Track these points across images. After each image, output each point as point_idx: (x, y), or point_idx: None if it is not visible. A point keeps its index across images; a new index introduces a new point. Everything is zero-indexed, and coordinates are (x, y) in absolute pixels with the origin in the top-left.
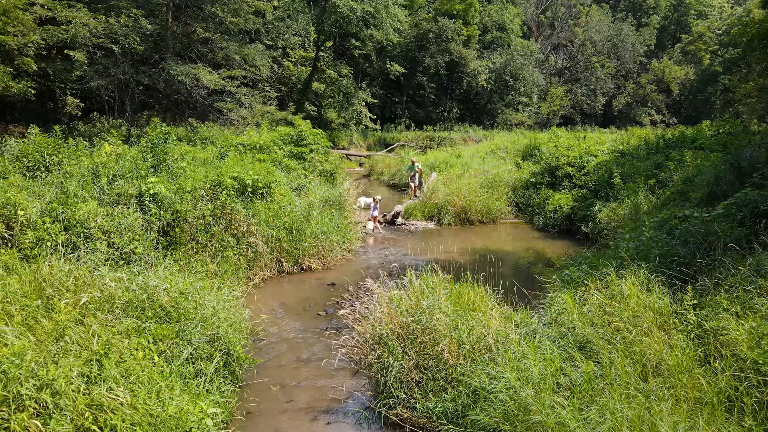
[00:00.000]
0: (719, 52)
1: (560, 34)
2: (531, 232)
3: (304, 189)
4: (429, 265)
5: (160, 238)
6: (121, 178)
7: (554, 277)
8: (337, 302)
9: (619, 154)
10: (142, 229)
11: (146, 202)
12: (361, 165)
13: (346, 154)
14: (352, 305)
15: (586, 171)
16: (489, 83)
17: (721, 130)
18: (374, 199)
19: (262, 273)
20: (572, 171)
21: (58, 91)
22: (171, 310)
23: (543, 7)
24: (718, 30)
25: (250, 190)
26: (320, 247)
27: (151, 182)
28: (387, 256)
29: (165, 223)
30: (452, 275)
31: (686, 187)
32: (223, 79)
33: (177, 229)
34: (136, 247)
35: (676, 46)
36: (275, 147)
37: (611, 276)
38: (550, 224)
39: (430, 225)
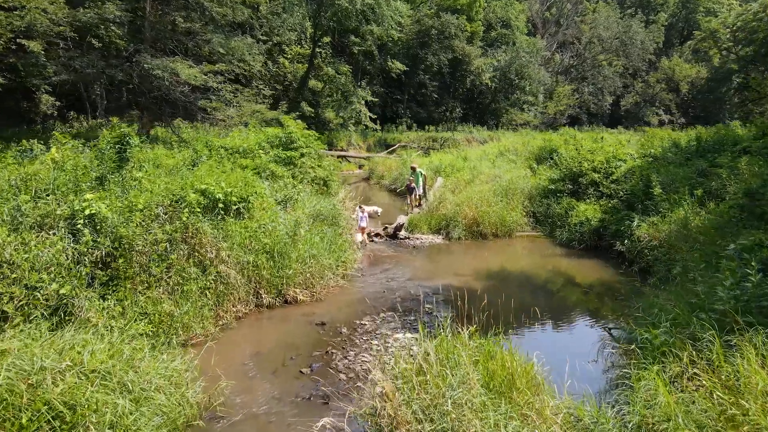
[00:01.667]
0: (733, 49)
1: (566, 31)
2: (552, 247)
3: (292, 201)
4: (447, 312)
5: (99, 272)
6: (52, 195)
7: (624, 341)
8: (326, 352)
9: (652, 159)
10: (72, 262)
11: (79, 225)
12: (360, 167)
13: (345, 156)
14: (345, 356)
15: (615, 178)
16: (493, 82)
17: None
18: (361, 208)
19: (235, 309)
20: (598, 178)
21: (38, 89)
22: (64, 409)
23: (548, 4)
24: (733, 26)
25: (221, 205)
26: (308, 274)
27: (87, 200)
28: (388, 281)
29: (104, 252)
30: (477, 326)
31: (750, 200)
32: (205, 74)
33: (120, 260)
34: (58, 289)
35: (688, 42)
36: (260, 151)
37: (716, 348)
38: (576, 239)
39: (438, 239)
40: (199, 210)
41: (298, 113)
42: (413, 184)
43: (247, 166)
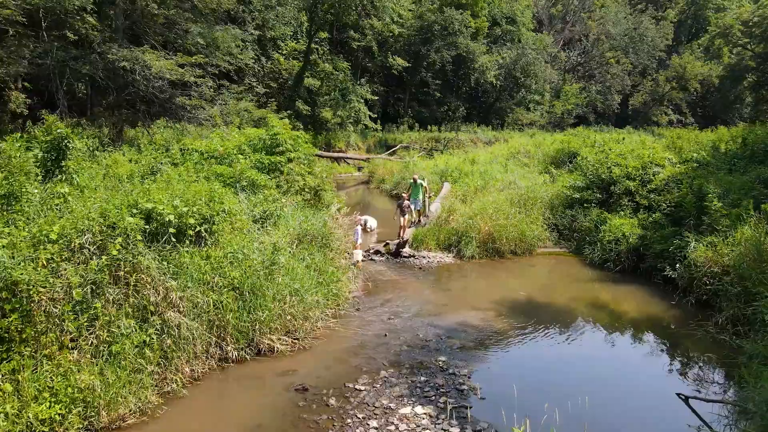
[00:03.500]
0: (749, 46)
1: (572, 28)
2: (582, 269)
3: (273, 218)
4: (469, 365)
5: None
6: None
7: None
8: None
9: (697, 165)
10: None
11: None
12: (359, 169)
13: (343, 158)
14: None
15: (653, 187)
16: (498, 80)
17: None
18: (356, 220)
19: (189, 368)
20: (634, 186)
21: (6, 86)
22: None
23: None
24: (748, 22)
25: (173, 230)
26: (289, 316)
27: None
28: (391, 318)
29: None
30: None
31: None
32: (182, 66)
33: (14, 316)
34: None
35: (701, 39)
36: (239, 155)
37: None
38: (610, 259)
39: (448, 258)
40: (139, 238)
41: (289, 112)
42: (407, 201)
43: (222, 173)
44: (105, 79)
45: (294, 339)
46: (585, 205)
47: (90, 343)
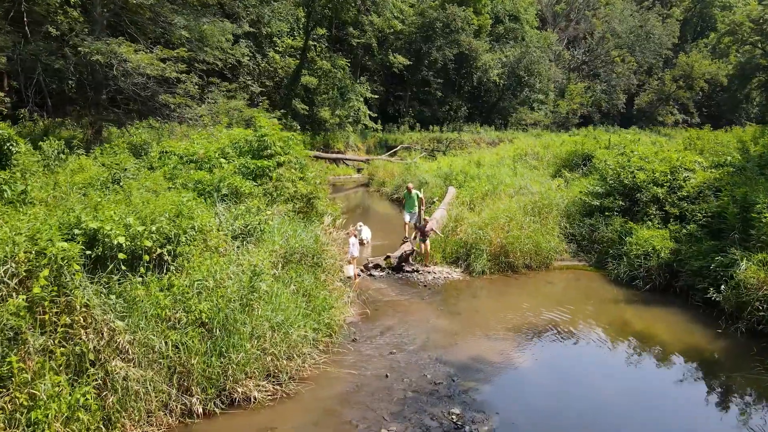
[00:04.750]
0: (759, 44)
1: (577, 26)
2: (606, 285)
3: (257, 233)
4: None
5: None
6: None
7: None
8: None
9: (734, 169)
10: None
11: None
12: (359, 171)
13: (342, 159)
14: None
15: (684, 194)
16: (501, 79)
17: None
18: (351, 232)
19: (140, 431)
20: (662, 193)
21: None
22: None
23: None
24: (759, 19)
25: (123, 256)
26: (270, 357)
27: None
28: (392, 352)
29: None
30: None
31: None
32: (164, 60)
33: None
34: None
35: (708, 37)
36: (222, 159)
37: None
38: (639, 277)
39: (455, 273)
40: (77, 268)
41: (284, 111)
42: (431, 223)
43: (201, 180)
44: (78, 75)
45: (276, 384)
46: (606, 213)
47: (1, 409)
